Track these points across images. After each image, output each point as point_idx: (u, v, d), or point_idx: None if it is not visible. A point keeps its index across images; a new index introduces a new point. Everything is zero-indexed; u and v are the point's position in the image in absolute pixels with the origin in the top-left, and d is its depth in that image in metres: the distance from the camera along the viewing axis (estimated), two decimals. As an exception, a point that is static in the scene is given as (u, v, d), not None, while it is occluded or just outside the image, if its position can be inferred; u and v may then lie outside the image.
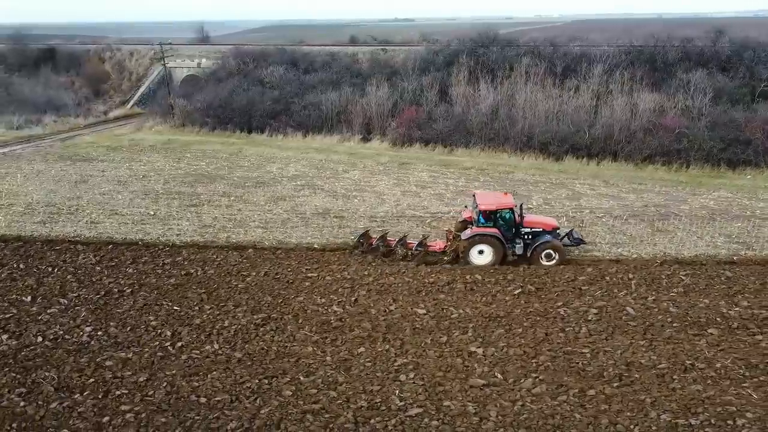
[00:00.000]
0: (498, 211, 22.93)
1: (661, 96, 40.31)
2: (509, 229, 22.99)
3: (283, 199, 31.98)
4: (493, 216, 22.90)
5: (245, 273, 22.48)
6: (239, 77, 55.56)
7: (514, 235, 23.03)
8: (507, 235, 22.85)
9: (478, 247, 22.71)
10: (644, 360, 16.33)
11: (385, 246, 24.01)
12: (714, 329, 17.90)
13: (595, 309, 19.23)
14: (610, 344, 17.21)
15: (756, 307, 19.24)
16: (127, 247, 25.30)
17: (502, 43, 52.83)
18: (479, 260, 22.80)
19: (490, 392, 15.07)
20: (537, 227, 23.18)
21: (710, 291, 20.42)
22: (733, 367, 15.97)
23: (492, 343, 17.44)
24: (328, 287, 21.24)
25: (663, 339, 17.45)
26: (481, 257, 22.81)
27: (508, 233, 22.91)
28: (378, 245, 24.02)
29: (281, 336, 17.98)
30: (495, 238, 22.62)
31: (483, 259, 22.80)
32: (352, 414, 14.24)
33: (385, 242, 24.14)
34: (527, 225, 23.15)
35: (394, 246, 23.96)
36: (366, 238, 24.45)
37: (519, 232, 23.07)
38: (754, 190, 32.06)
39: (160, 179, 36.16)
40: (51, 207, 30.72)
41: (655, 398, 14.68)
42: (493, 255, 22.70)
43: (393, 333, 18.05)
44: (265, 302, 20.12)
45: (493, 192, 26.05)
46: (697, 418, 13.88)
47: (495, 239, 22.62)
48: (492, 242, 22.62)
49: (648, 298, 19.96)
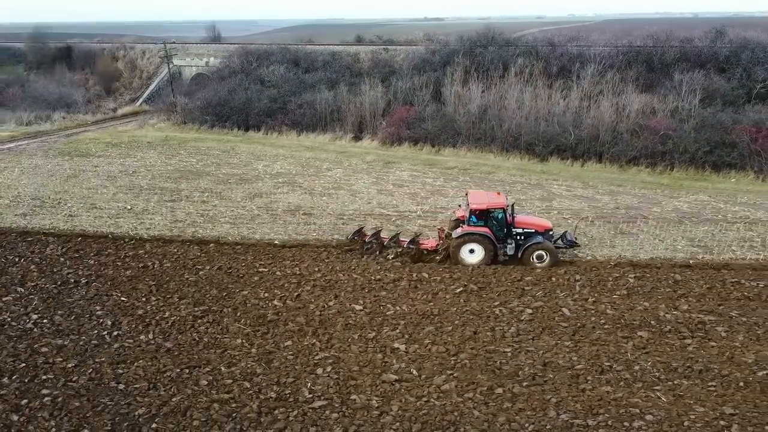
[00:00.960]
0: (489, 210, 22.79)
1: (650, 97, 39.76)
2: (501, 229, 22.88)
3: (260, 195, 32.56)
4: (484, 215, 22.79)
5: (200, 267, 23.08)
6: (241, 76, 56.47)
7: (506, 236, 22.91)
8: (498, 235, 22.79)
9: (469, 246, 22.70)
10: (562, 360, 16.36)
11: (378, 243, 24.19)
12: (645, 332, 17.79)
13: (531, 309, 19.27)
14: (535, 344, 17.25)
15: (695, 311, 19.05)
16: (95, 239, 26.15)
17: (501, 42, 52.54)
18: (470, 259, 22.79)
19: (400, 387, 15.29)
20: (529, 228, 23.03)
21: (654, 294, 20.25)
22: (652, 370, 15.90)
23: (418, 340, 17.64)
24: (275, 282, 21.69)
25: (590, 340, 17.43)
26: (471, 256, 22.78)
27: (499, 233, 22.83)
28: (371, 242, 24.22)
29: (215, 328, 18.47)
30: (485, 238, 22.57)
31: (474, 258, 22.76)
32: (258, 404, 14.63)
33: (378, 239, 24.34)
34: (519, 225, 23.04)
35: (386, 243, 24.12)
36: (360, 236, 24.69)
37: (511, 233, 22.94)
38: (735, 193, 31.46)
39: (148, 175, 37.11)
40: (36, 200, 31.85)
41: (561, 398, 14.73)
42: (483, 254, 22.64)
43: (324, 328, 18.39)
44: (210, 295, 20.66)
45: (486, 191, 25.91)
46: (596, 419, 13.90)
47: (485, 239, 22.57)
48: (482, 242, 22.56)
49: (588, 299, 19.91)
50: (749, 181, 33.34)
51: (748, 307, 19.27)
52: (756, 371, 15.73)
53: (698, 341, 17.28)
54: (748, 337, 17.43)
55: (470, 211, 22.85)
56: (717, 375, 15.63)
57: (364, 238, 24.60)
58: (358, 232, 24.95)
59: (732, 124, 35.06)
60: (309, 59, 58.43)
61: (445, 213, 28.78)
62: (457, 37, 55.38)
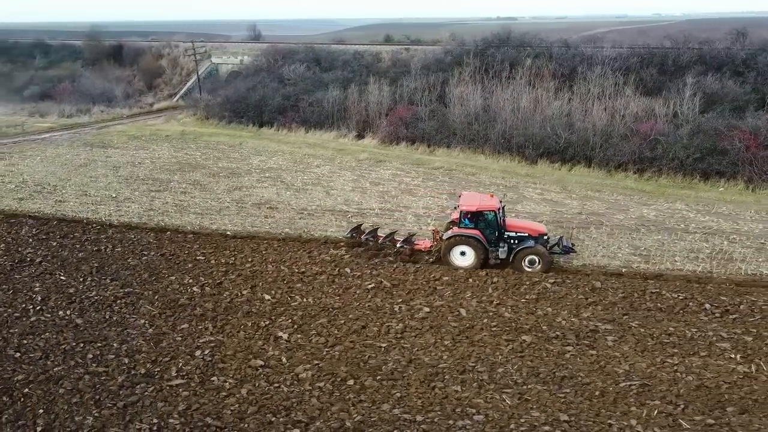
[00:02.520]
0: (480, 212, 22.36)
1: (652, 101, 38.32)
2: (492, 232, 22.47)
3: (239, 189, 33.99)
4: (476, 218, 22.39)
5: (145, 252, 24.64)
6: (264, 74, 58.48)
7: (498, 239, 22.53)
8: (490, 238, 22.43)
9: (460, 248, 22.47)
10: (429, 359, 16.62)
11: (374, 241, 24.33)
12: (530, 336, 17.73)
13: (429, 308, 19.53)
14: (414, 342, 17.57)
15: (596, 319, 18.74)
16: (69, 224, 28.26)
17: (515, 43, 51.84)
18: (461, 261, 22.56)
19: (260, 373, 16.06)
20: (522, 231, 22.58)
21: (564, 300, 20.00)
22: (514, 373, 15.92)
23: (305, 331, 18.32)
24: (205, 270, 22.90)
25: (470, 341, 17.56)
26: (463, 258, 22.54)
27: (491, 236, 22.45)
28: (367, 240, 24.39)
29: (128, 309, 19.85)
30: (475, 240, 22.24)
31: (465, 260, 22.51)
32: (123, 378, 15.80)
33: (375, 237, 24.43)
34: (512, 229, 22.65)
35: (381, 242, 24.20)
36: (358, 233, 24.83)
37: (502, 236, 22.55)
38: (715, 203, 30.04)
39: (150, 166, 39.42)
40: (39, 186, 34.62)
41: (406, 394, 15.06)
42: (474, 257, 22.40)
43: (226, 315, 19.38)
44: (141, 279, 22.11)
45: (479, 193, 25.19)
46: (426, 416, 14.17)
47: (475, 241, 22.24)
48: (472, 244, 22.27)
49: (493, 302, 19.94)
50: (738, 190, 31.67)
51: (653, 318, 18.73)
52: (620, 382, 15.45)
53: (579, 349, 17.07)
54: (634, 348, 17.04)
55: (461, 212, 22.55)
56: (578, 383, 15.47)
57: (361, 235, 24.73)
58: (356, 229, 25.03)
59: (727, 130, 33.29)
60: (330, 58, 59.70)
61: (372, 211, 29.28)
62: (472, 37, 54.98)
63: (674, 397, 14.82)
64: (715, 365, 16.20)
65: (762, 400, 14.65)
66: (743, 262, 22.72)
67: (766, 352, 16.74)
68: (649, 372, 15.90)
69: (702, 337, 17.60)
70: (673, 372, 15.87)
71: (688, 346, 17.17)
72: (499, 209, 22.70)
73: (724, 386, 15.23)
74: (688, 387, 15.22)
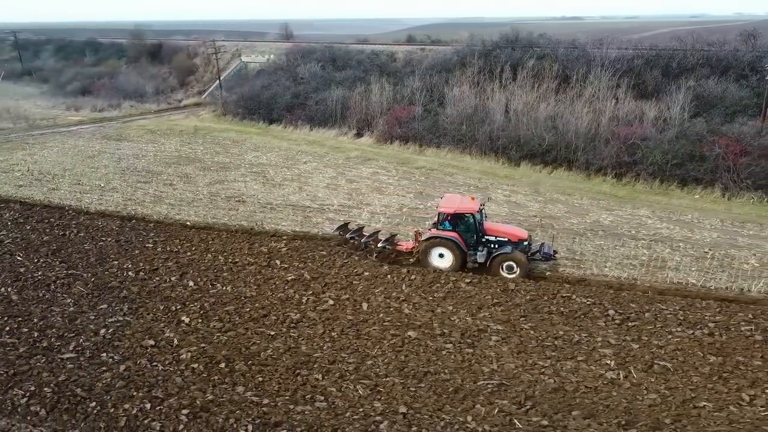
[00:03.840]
0: (458, 214, 22.12)
1: (641, 104, 37.31)
2: (471, 236, 22.26)
3: (221, 182, 35.52)
4: (455, 220, 22.18)
5: (103, 239, 26.34)
6: (280, 72, 60.22)
7: (477, 242, 22.31)
8: (469, 242, 22.21)
9: (439, 250, 22.30)
10: (306, 348, 17.25)
11: (358, 239, 24.60)
12: (416, 332, 18.09)
13: (333, 301, 20.17)
14: (303, 332, 18.23)
15: (492, 319, 18.86)
16: (50, 209, 30.46)
17: (523, 44, 51.27)
18: (439, 263, 22.40)
19: (146, 353, 17.15)
20: (502, 236, 22.22)
21: (470, 300, 20.15)
22: (382, 366, 16.36)
23: (209, 317, 19.31)
24: (148, 256, 24.32)
25: (357, 334, 18.05)
26: (442, 261, 22.37)
27: (469, 239, 22.24)
28: (353, 238, 24.71)
29: (62, 289, 21.45)
30: (453, 243, 22.03)
31: (443, 262, 22.34)
32: (25, 349, 17.26)
33: (359, 236, 24.75)
34: (491, 233, 22.38)
35: (364, 240, 24.30)
36: (344, 230, 25.31)
37: (480, 240, 22.31)
38: (683, 210, 29.13)
39: (151, 159, 41.63)
40: (41, 175, 37.28)
41: (267, 380, 15.73)
42: (452, 260, 22.18)
43: (145, 299, 20.64)
44: (87, 263, 23.74)
45: (460, 195, 24.64)
46: (273, 399, 14.87)
47: (453, 243, 22.02)
48: (450, 246, 22.08)
49: (399, 298, 20.34)
50: (713, 198, 30.49)
51: (550, 322, 18.67)
52: (478, 380, 15.66)
53: (458, 347, 17.30)
54: (512, 350, 17.13)
55: (439, 214, 22.48)
56: (438, 379, 15.76)
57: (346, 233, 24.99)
58: (343, 226, 25.49)
59: (711, 136, 32.08)
60: (346, 58, 60.77)
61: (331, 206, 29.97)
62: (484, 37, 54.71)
63: (525, 398, 14.91)
64: (586, 370, 16.12)
65: (614, 406, 14.55)
66: (675, 270, 22.17)
67: (646, 360, 16.48)
68: (515, 373, 16.00)
69: (588, 342, 17.47)
70: (538, 374, 15.92)
71: (569, 350, 17.10)
72: (478, 212, 22.36)
73: (582, 390, 15.18)
74: (544, 389, 15.26)
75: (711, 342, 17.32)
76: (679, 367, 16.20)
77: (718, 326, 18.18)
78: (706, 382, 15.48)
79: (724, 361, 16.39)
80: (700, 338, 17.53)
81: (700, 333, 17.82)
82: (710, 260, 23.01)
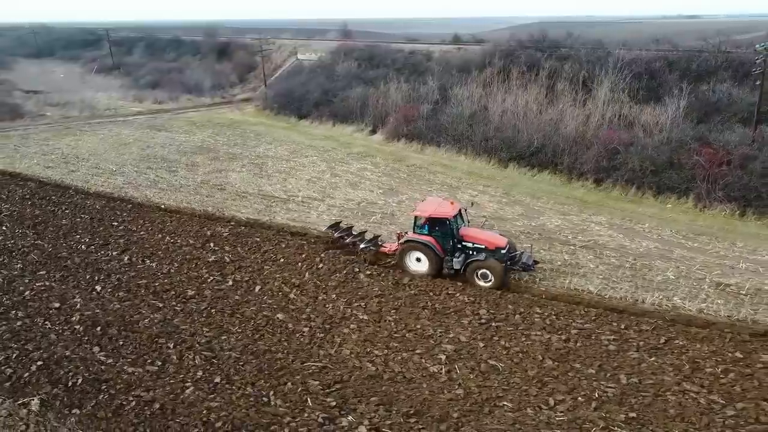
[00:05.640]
0: (433, 219, 21.58)
1: (639, 108, 35.77)
2: (447, 241, 21.73)
3: (219, 171, 38.08)
4: (431, 224, 21.67)
5: (82, 215, 29.43)
6: (320, 69, 62.60)
7: (454, 248, 21.80)
8: (446, 247, 21.72)
9: (416, 254, 21.94)
10: (177, 321, 18.94)
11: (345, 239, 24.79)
12: (284, 315, 19.31)
13: (233, 282, 21.75)
14: (183, 307, 19.95)
15: (361, 309, 19.66)
16: (57, 188, 34.19)
17: (549, 44, 50.13)
18: (416, 267, 22.07)
19: (49, 313, 19.52)
20: (479, 243, 21.47)
21: (358, 291, 21.01)
22: (223, 341, 17.75)
23: (119, 288, 21.49)
24: (106, 233, 26.98)
25: (228, 313, 19.51)
26: (418, 265, 22.04)
27: (446, 244, 21.75)
28: (341, 237, 24.88)
29: (19, 257, 24.47)
30: (427, 247, 21.56)
31: (420, 267, 21.99)
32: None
33: (347, 235, 24.99)
34: (469, 239, 21.66)
35: (349, 240, 24.51)
36: (335, 229, 25.58)
37: (456, 246, 21.80)
38: (642, 220, 27.94)
39: (173, 149, 45.08)
40: (71, 158, 41.64)
41: (100, 342, 17.58)
42: (428, 264, 21.82)
43: (79, 269, 23.16)
44: (55, 235, 26.80)
45: (439, 198, 23.84)
46: (86, 354, 16.67)
47: (427, 248, 21.55)
48: (425, 251, 21.62)
49: (295, 283, 21.63)
50: (685, 208, 28.90)
51: (416, 316, 19.18)
52: (306, 362, 16.63)
53: (312, 331, 18.31)
54: (360, 338, 17.90)
55: (414, 218, 22.14)
56: (273, 358, 16.90)
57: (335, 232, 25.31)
58: (335, 225, 25.86)
59: (691, 143, 30.34)
60: (383, 57, 62.01)
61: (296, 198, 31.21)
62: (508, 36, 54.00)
63: (335, 381, 15.70)
64: (416, 362, 16.61)
65: (414, 397, 15.05)
66: (581, 277, 21.72)
67: (479, 359, 16.68)
68: (345, 359, 16.81)
69: (438, 338, 17.87)
70: (366, 362, 16.63)
71: (414, 343, 17.61)
72: (455, 217, 21.82)
73: (396, 380, 15.77)
74: (360, 375, 15.99)
75: (559, 347, 17.19)
76: (509, 368, 16.32)
77: (580, 334, 17.93)
78: (522, 384, 15.55)
79: (558, 366, 16.30)
80: (550, 343, 17.41)
81: (556, 338, 17.69)
82: (625, 270, 22.26)
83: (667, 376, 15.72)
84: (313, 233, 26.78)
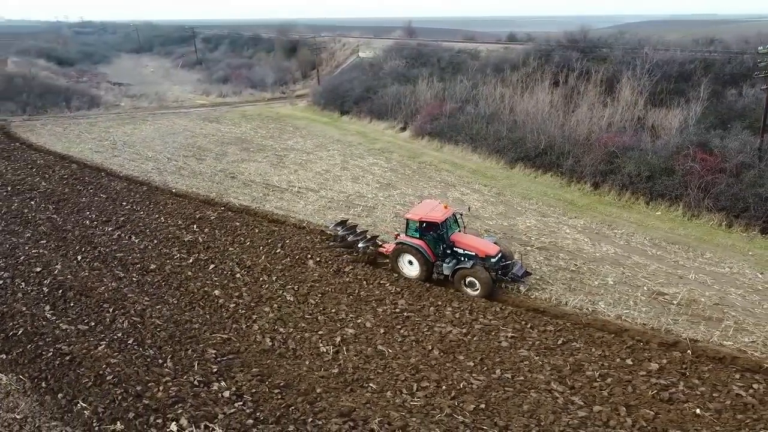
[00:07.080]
0: (423, 223, 21.32)
1: (655, 112, 34.36)
2: (438, 245, 21.44)
3: (242, 161, 40.56)
4: (423, 228, 21.38)
5: (100, 195, 32.60)
6: (370, 67, 64.18)
7: (445, 254, 21.47)
8: (437, 251, 21.42)
9: (408, 257, 21.74)
10: (127, 290, 21.12)
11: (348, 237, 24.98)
12: (220, 291, 21.04)
13: (193, 260, 23.74)
14: (137, 277, 22.17)
15: (291, 292, 21.01)
16: (93, 170, 37.86)
17: (588, 44, 48.67)
18: (408, 270, 21.94)
19: (29, 275, 22.40)
20: (470, 250, 20.90)
21: (302, 275, 22.29)
22: (157, 309, 19.72)
23: (96, 259, 24.11)
24: (113, 212, 29.88)
25: (175, 286, 21.53)
26: (410, 268, 21.86)
27: (437, 249, 21.49)
28: (345, 236, 25.03)
29: (32, 226, 27.84)
30: (417, 251, 21.32)
31: (412, 270, 21.79)
32: (-40, 262, 23.66)
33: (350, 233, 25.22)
34: (461, 245, 21.19)
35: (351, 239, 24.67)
36: (341, 227, 25.88)
37: (449, 251, 21.45)
38: (622, 225, 27.08)
39: (214, 138, 48.31)
40: (117, 145, 45.74)
41: (65, 306, 19.96)
42: (419, 268, 21.56)
43: (75, 241, 26.05)
44: (70, 211, 30.03)
45: (435, 202, 22.92)
46: (81, 325, 19.04)
47: (417, 252, 21.31)
48: (415, 254, 21.37)
49: (248, 265, 23.29)
50: (674, 216, 27.59)
51: (338, 301, 20.24)
52: (214, 333, 18.19)
53: (236, 308, 19.88)
54: (274, 317, 19.26)
55: (406, 220, 21.91)
56: (189, 328, 18.63)
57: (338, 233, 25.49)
58: (342, 223, 26.14)
59: (692, 148, 28.88)
60: (429, 55, 62.55)
61: (290, 190, 32.72)
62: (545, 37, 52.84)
63: (229, 351, 17.17)
64: (311, 342, 17.76)
65: (290, 371, 16.18)
66: (538, 282, 21.61)
67: (371, 342, 17.52)
68: (249, 333, 18.24)
69: (347, 322, 18.86)
70: (267, 338, 17.95)
71: (320, 325, 18.75)
72: (446, 222, 21.50)
73: (286, 356, 17.03)
74: (254, 349, 17.38)
75: (453, 340, 17.66)
76: (395, 354, 17.07)
77: (483, 329, 18.27)
78: (398, 370, 16.26)
79: (442, 356, 16.84)
80: (448, 335, 17.88)
81: (457, 331, 18.15)
82: (566, 272, 22.00)
83: (542, 375, 15.83)
84: (291, 221, 28.30)
